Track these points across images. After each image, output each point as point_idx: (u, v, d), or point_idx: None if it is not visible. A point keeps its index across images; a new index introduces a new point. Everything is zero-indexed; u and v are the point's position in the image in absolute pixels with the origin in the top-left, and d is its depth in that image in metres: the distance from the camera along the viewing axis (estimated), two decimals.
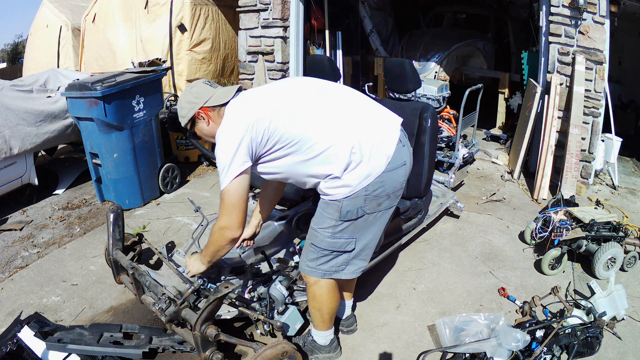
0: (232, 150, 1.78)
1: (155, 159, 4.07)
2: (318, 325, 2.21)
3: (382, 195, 1.92)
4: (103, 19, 6.63)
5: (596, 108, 4.16)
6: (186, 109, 1.96)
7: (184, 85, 6.04)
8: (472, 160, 4.27)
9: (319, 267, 2.04)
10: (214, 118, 1.95)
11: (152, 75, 3.85)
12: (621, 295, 2.45)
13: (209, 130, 1.99)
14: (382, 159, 1.88)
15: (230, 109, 1.91)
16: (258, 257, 2.68)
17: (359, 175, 1.85)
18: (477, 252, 3.28)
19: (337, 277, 2.07)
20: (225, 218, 1.89)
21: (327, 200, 1.94)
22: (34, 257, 3.26)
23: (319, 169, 1.87)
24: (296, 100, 1.91)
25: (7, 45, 22.85)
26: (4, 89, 3.81)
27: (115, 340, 2.28)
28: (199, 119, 1.96)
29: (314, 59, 3.44)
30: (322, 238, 1.98)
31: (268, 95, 1.94)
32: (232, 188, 1.82)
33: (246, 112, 1.84)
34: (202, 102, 1.92)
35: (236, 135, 1.79)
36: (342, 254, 2.02)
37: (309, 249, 2.05)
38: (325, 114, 1.88)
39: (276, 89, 1.98)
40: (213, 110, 1.93)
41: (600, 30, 4.02)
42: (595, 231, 2.94)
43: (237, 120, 1.83)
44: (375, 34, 7.32)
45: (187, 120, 1.98)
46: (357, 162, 1.84)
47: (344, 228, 1.94)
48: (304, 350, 2.26)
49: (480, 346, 2.08)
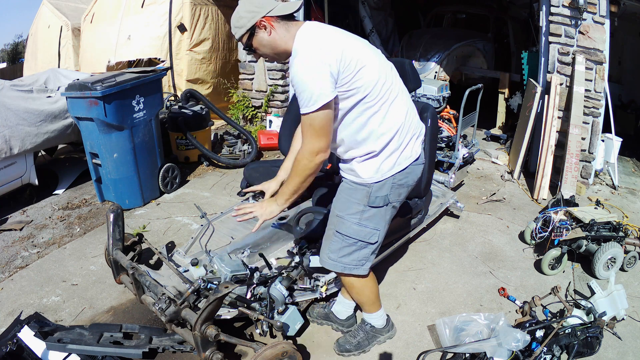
0: (320, 76, 1.71)
1: (155, 159, 4.07)
2: (369, 309, 2.28)
3: (405, 186, 2.00)
4: (99, 18, 6.63)
5: (596, 108, 4.17)
6: (246, 18, 1.82)
7: (184, 85, 6.03)
8: (472, 160, 4.28)
9: (341, 259, 2.06)
10: (279, 30, 1.83)
11: (152, 75, 3.85)
12: (621, 295, 2.45)
13: (269, 41, 1.85)
14: (413, 150, 1.97)
15: (312, 34, 1.82)
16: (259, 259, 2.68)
17: (392, 162, 1.92)
18: (477, 252, 3.28)
19: (356, 272, 2.08)
20: (316, 140, 1.77)
21: (356, 185, 1.96)
22: (34, 257, 3.26)
23: (369, 132, 1.87)
24: (375, 52, 1.91)
25: (7, 45, 22.86)
26: (4, 89, 3.81)
27: (115, 340, 2.28)
28: (260, 28, 1.83)
29: None
30: (349, 225, 1.99)
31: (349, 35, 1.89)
32: (322, 113, 1.73)
33: (333, 42, 1.78)
34: (265, 12, 1.80)
35: (324, 61, 1.71)
36: (366, 247, 2.04)
37: (333, 239, 2.05)
38: (394, 84, 1.91)
39: (351, 35, 1.91)
40: (278, 21, 1.82)
41: (600, 30, 4.02)
42: (595, 231, 2.94)
43: (325, 47, 1.75)
44: (375, 34, 7.32)
45: (245, 30, 1.84)
46: (394, 148, 1.91)
47: (370, 215, 1.98)
48: (366, 340, 2.32)
49: (480, 346, 2.08)
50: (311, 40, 1.79)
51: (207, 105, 5.08)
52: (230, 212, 1.99)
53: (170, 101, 5.23)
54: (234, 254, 2.66)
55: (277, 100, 5.90)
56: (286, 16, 1.83)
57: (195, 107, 4.91)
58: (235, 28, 1.87)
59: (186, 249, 2.84)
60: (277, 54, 1.90)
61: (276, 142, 4.30)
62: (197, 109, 4.87)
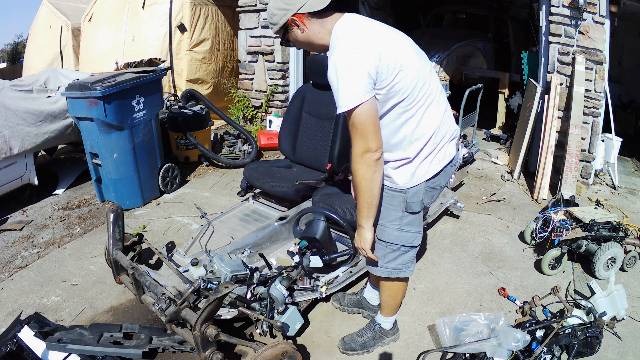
0: (357, 76, 1.65)
1: (155, 159, 4.07)
2: (389, 312, 2.34)
3: (437, 187, 1.99)
4: (98, 19, 6.63)
5: (596, 108, 4.17)
6: (277, 15, 1.80)
7: (184, 85, 6.03)
8: (472, 160, 4.27)
9: (387, 264, 2.08)
10: (312, 27, 1.79)
11: (152, 75, 3.85)
12: (621, 295, 2.45)
13: (304, 38, 1.83)
14: (447, 153, 1.95)
15: (350, 30, 1.75)
16: (259, 259, 2.68)
17: (426, 167, 1.90)
18: (477, 252, 3.28)
19: (402, 275, 2.11)
20: (363, 141, 1.70)
21: (393, 192, 1.95)
22: (34, 257, 3.26)
23: (403, 136, 1.83)
24: (416, 51, 1.86)
25: (7, 45, 22.85)
26: (4, 89, 3.81)
27: (115, 340, 2.28)
28: (292, 26, 1.80)
29: (314, 59, 3.44)
30: (390, 232, 2.00)
31: (390, 32, 1.83)
32: (361, 111, 1.67)
33: (372, 43, 1.71)
34: (296, 9, 1.76)
35: (361, 61, 1.66)
36: (409, 251, 2.07)
37: (377, 246, 2.05)
38: (432, 87, 1.86)
39: (390, 30, 1.85)
40: (309, 18, 1.78)
41: (600, 30, 4.02)
42: (595, 231, 2.94)
43: (362, 47, 1.69)
44: None
45: (278, 27, 1.83)
46: (428, 153, 1.88)
47: (409, 221, 1.99)
48: (372, 340, 2.36)
49: (480, 346, 2.08)
50: (349, 38, 1.73)
51: (207, 105, 5.08)
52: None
53: (170, 101, 5.23)
54: (234, 254, 2.67)
55: (277, 100, 5.90)
56: (318, 12, 1.77)
57: (195, 107, 4.91)
58: (270, 24, 1.86)
59: (186, 249, 2.84)
60: (314, 49, 1.87)
61: (276, 142, 4.30)
62: (197, 109, 4.87)
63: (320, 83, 3.43)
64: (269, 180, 3.31)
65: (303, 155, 3.58)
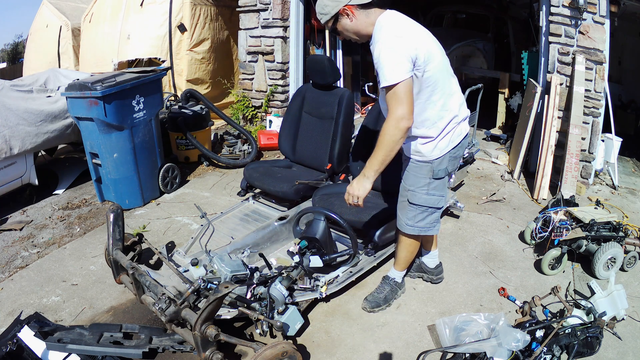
0: (401, 57, 1.99)
1: (155, 158, 4.07)
2: (403, 266, 2.68)
3: (458, 157, 2.37)
4: (97, 19, 6.63)
5: (596, 108, 4.16)
6: (330, 6, 2.11)
7: (184, 85, 6.03)
8: (472, 160, 4.27)
9: (417, 224, 2.42)
10: (359, 17, 2.13)
11: (152, 75, 3.85)
12: (621, 295, 2.45)
13: (352, 27, 2.16)
14: (462, 129, 2.33)
15: (393, 22, 2.11)
16: (259, 259, 2.68)
17: (447, 141, 2.26)
18: (477, 252, 3.28)
19: (430, 233, 2.50)
20: (400, 108, 1.99)
21: (421, 163, 2.31)
22: (34, 257, 3.26)
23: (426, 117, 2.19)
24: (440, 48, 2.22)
25: (7, 45, 22.82)
26: (4, 89, 3.81)
27: (115, 340, 2.28)
28: (342, 15, 2.13)
29: (314, 59, 3.44)
30: (420, 196, 2.35)
31: (421, 28, 2.20)
32: (403, 84, 1.98)
33: (412, 33, 2.10)
34: (347, 0, 2.08)
35: (405, 46, 2.01)
36: (435, 211, 2.42)
37: (408, 208, 2.40)
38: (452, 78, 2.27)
39: (421, 28, 2.21)
40: (358, 9, 2.11)
41: (600, 30, 4.02)
42: (595, 231, 2.94)
43: (405, 36, 2.05)
44: None
45: (329, 17, 2.13)
46: (449, 130, 2.25)
47: (435, 186, 2.34)
48: (390, 294, 2.67)
49: (480, 346, 2.08)
50: (394, 28, 2.08)
51: (207, 105, 5.08)
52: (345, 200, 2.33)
53: (170, 101, 5.23)
54: (234, 254, 2.67)
55: (277, 100, 5.90)
56: (365, 4, 2.11)
57: (195, 107, 4.91)
58: (320, 14, 2.16)
59: (186, 249, 2.84)
60: (360, 37, 2.20)
61: (276, 142, 4.31)
62: (197, 109, 4.87)
63: (320, 83, 3.43)
64: (269, 180, 3.32)
65: (303, 155, 3.58)
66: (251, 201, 3.53)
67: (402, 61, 1.98)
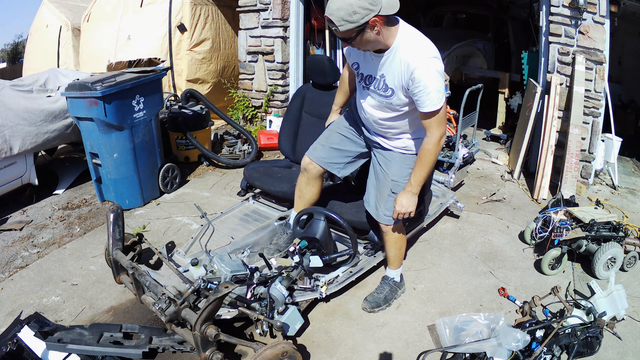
0: (442, 79, 2.05)
1: (155, 158, 4.07)
2: (397, 264, 2.69)
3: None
4: (96, 18, 6.63)
5: (596, 108, 4.16)
6: (360, 14, 1.88)
7: (184, 85, 6.03)
8: (472, 160, 4.27)
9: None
10: (383, 29, 1.99)
11: (152, 75, 3.85)
12: (621, 295, 2.45)
13: (375, 38, 2.01)
14: None
15: (421, 39, 2.08)
16: (259, 259, 2.68)
17: None
18: (477, 252, 3.28)
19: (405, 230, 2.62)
20: (441, 129, 2.14)
21: (410, 155, 2.38)
22: (34, 257, 3.26)
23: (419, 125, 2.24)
24: None
25: (7, 45, 22.85)
26: (4, 88, 3.81)
27: (115, 340, 2.28)
28: (372, 26, 1.94)
29: (314, 59, 3.44)
30: (403, 186, 2.37)
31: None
32: (443, 107, 2.08)
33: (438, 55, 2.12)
34: (378, 10, 1.90)
35: (442, 66, 2.07)
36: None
37: (388, 199, 2.42)
38: None
39: None
40: (384, 20, 1.96)
41: (600, 30, 4.02)
42: (595, 231, 2.94)
43: (436, 51, 2.09)
44: None
45: (355, 26, 1.91)
46: None
47: None
48: (390, 294, 2.67)
49: (480, 346, 2.08)
50: (426, 47, 2.06)
51: (207, 105, 5.08)
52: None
53: (170, 101, 5.23)
54: (234, 254, 2.67)
55: (277, 100, 5.90)
56: (392, 15, 1.99)
57: (195, 107, 4.91)
58: (343, 21, 1.90)
59: (186, 249, 2.84)
60: (377, 47, 2.08)
61: (276, 142, 4.30)
62: (197, 109, 4.87)
63: (321, 83, 3.43)
64: (269, 180, 3.31)
65: (303, 155, 3.57)
66: (251, 201, 3.53)
67: (443, 82, 2.05)
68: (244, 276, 2.38)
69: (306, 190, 2.73)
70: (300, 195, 2.77)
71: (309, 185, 2.72)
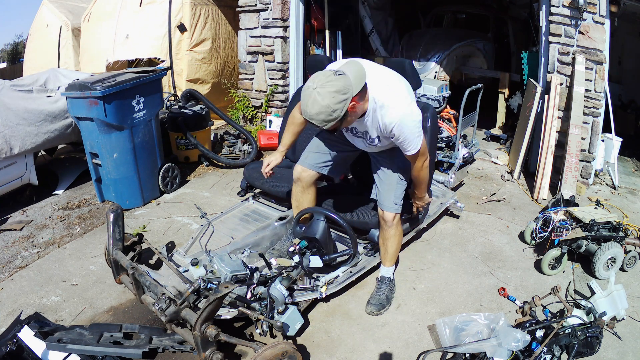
0: (418, 122, 2.17)
1: (155, 158, 4.07)
2: (392, 262, 2.74)
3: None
4: (95, 18, 6.63)
5: (596, 108, 4.16)
6: (339, 109, 1.91)
7: (184, 85, 6.03)
8: (472, 160, 4.27)
9: (401, 202, 2.56)
10: (359, 104, 2.05)
11: (152, 75, 3.85)
12: (621, 295, 2.45)
13: (355, 115, 2.08)
14: None
15: (390, 88, 2.16)
16: (259, 259, 2.68)
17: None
18: (477, 252, 3.28)
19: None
20: (423, 158, 2.35)
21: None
22: (34, 257, 3.26)
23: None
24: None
25: (7, 45, 22.83)
26: (4, 89, 3.81)
27: (115, 340, 2.28)
28: (351, 111, 2.00)
29: (314, 59, 3.43)
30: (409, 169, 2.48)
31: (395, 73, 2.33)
32: (423, 144, 2.28)
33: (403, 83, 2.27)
34: (352, 93, 1.94)
35: (414, 110, 2.16)
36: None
37: (397, 187, 2.53)
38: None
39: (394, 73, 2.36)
40: (358, 98, 2.00)
41: (600, 30, 4.02)
42: (595, 231, 2.94)
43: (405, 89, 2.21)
44: (375, 34, 7.32)
45: (339, 118, 1.95)
46: None
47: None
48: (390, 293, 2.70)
49: (480, 346, 2.08)
50: (397, 94, 2.14)
51: (207, 105, 5.08)
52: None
53: (170, 101, 5.23)
54: (234, 254, 2.67)
55: (277, 100, 5.90)
56: (363, 87, 2.02)
57: (195, 107, 4.91)
58: (325, 122, 1.95)
59: (186, 249, 2.84)
60: (356, 119, 2.16)
61: (276, 142, 4.31)
62: (197, 109, 4.87)
63: None
64: (269, 180, 3.30)
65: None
66: (251, 201, 3.53)
67: (420, 123, 2.18)
68: (244, 276, 2.38)
69: (302, 198, 2.76)
70: (298, 205, 2.80)
71: (305, 194, 2.75)
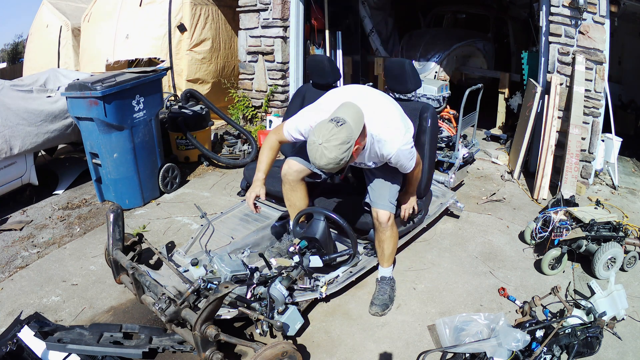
0: (410, 144, 2.32)
1: (155, 158, 4.07)
2: (390, 261, 2.75)
3: None
4: (96, 18, 6.64)
5: (596, 108, 4.16)
6: (346, 156, 2.02)
7: (184, 85, 6.03)
8: (472, 160, 4.27)
9: (395, 200, 2.60)
10: (361, 141, 2.14)
11: (152, 75, 3.85)
12: (621, 295, 2.45)
13: (358, 152, 2.17)
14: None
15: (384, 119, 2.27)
16: (259, 259, 2.68)
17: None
18: (477, 252, 3.28)
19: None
20: (419, 165, 2.52)
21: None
22: (34, 257, 3.26)
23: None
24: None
25: (7, 45, 22.79)
26: (4, 89, 3.81)
27: (115, 340, 2.28)
28: (355, 153, 2.10)
29: (314, 59, 3.44)
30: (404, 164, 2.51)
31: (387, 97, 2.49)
32: (417, 158, 2.44)
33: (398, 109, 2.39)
34: (355, 138, 2.04)
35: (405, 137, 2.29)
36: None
37: (394, 183, 2.58)
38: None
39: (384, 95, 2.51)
40: (360, 139, 2.10)
41: (600, 30, 4.02)
42: (595, 231, 2.94)
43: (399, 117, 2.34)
44: (375, 34, 7.31)
45: (346, 162, 2.06)
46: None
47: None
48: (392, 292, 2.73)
49: (480, 346, 2.08)
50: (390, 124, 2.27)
51: (207, 105, 5.08)
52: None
53: (170, 101, 5.23)
54: (234, 254, 2.67)
55: (277, 100, 5.90)
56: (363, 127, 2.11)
57: (195, 107, 4.91)
58: (335, 167, 2.05)
59: (186, 249, 2.84)
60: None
61: None
62: (197, 109, 4.87)
63: (321, 83, 3.43)
64: (269, 180, 3.30)
65: None
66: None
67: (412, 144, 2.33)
68: (244, 276, 2.38)
69: (293, 196, 2.75)
70: (290, 204, 2.80)
71: (294, 191, 2.73)
